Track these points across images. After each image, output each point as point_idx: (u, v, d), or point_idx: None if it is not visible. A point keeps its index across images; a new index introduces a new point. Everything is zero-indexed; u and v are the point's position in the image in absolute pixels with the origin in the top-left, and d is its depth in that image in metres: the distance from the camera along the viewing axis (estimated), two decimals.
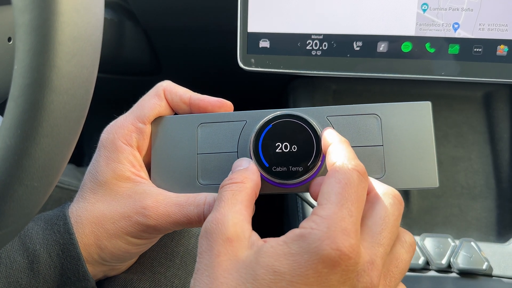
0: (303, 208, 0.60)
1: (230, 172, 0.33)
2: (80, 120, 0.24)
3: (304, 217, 0.59)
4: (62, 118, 0.22)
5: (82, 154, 0.89)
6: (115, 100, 0.82)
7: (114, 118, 0.38)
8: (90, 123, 0.47)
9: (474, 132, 0.63)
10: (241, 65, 0.52)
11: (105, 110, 0.66)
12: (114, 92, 0.83)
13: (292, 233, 0.26)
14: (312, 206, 0.42)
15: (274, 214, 0.78)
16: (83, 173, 0.38)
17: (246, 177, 0.31)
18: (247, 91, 0.81)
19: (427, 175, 0.34)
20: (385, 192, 0.29)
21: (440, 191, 0.62)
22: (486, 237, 0.58)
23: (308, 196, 0.59)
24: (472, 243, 0.51)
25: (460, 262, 0.50)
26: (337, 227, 0.25)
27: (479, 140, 0.63)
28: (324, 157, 0.34)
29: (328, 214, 0.26)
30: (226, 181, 0.31)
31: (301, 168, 0.34)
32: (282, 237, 0.26)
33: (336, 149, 0.31)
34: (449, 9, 0.47)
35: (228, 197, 0.29)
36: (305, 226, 0.26)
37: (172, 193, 0.36)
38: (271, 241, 0.26)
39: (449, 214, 0.60)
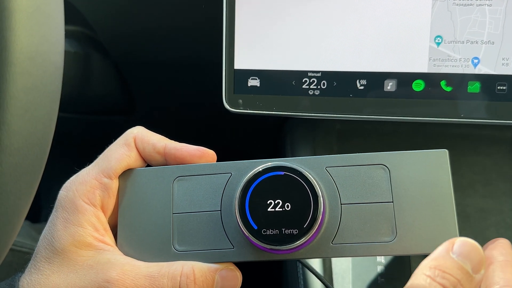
0: (304, 275, 0.59)
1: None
2: (33, 183, 0.25)
3: (306, 287, 0.58)
4: (12, 182, 0.23)
5: (39, 208, 0.89)
6: (80, 144, 0.83)
7: (78, 168, 0.39)
8: (50, 171, 0.47)
9: (506, 179, 0.64)
10: (227, 106, 0.53)
11: (68, 156, 0.66)
12: (80, 134, 0.83)
13: None
14: (316, 274, 0.42)
15: (271, 283, 0.78)
16: (39, 231, 0.38)
17: None
18: (235, 135, 0.82)
19: (446, 238, 0.34)
20: None
21: None
22: None
23: (310, 261, 0.58)
24: None
25: None
26: None
27: None
28: (323, 217, 0.35)
29: None
30: (444, 279, 0.28)
31: (296, 231, 0.34)
32: None
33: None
34: (466, 42, 0.49)
35: None
36: None
37: (142, 262, 0.36)
38: None
39: None
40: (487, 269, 0.32)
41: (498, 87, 0.49)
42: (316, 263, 0.59)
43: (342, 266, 0.59)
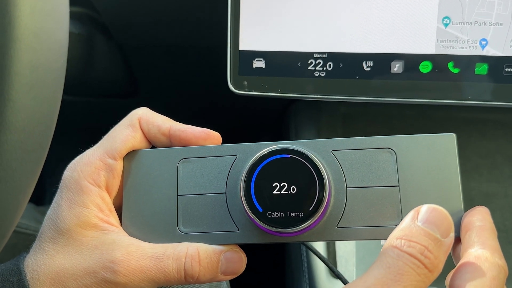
0: (308, 258, 0.60)
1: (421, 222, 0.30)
2: (38, 161, 0.25)
3: (309, 269, 0.59)
4: (17, 160, 0.23)
5: (43, 191, 0.89)
6: (84, 127, 0.83)
7: (81, 149, 0.39)
8: (54, 154, 0.47)
9: (511, 162, 0.64)
10: (232, 88, 0.53)
11: (72, 139, 0.66)
12: (83, 117, 0.83)
13: None
14: (319, 256, 0.42)
15: (274, 266, 0.78)
16: (43, 214, 0.38)
17: (440, 264, 0.29)
18: (240, 117, 0.82)
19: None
20: None
21: None
22: None
23: (314, 244, 0.59)
24: None
25: None
26: None
27: None
28: (329, 200, 0.34)
29: None
30: (410, 247, 0.28)
31: (301, 214, 0.34)
32: None
33: (488, 235, 0.32)
34: (475, 23, 0.49)
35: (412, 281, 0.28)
36: None
37: (147, 243, 0.36)
38: None
39: None
40: (465, 235, 0.33)
41: (506, 69, 0.49)
42: (320, 246, 0.59)
43: (346, 249, 0.59)
